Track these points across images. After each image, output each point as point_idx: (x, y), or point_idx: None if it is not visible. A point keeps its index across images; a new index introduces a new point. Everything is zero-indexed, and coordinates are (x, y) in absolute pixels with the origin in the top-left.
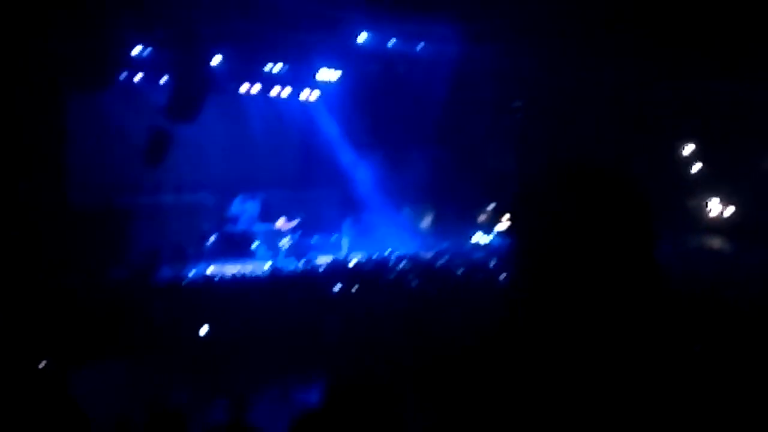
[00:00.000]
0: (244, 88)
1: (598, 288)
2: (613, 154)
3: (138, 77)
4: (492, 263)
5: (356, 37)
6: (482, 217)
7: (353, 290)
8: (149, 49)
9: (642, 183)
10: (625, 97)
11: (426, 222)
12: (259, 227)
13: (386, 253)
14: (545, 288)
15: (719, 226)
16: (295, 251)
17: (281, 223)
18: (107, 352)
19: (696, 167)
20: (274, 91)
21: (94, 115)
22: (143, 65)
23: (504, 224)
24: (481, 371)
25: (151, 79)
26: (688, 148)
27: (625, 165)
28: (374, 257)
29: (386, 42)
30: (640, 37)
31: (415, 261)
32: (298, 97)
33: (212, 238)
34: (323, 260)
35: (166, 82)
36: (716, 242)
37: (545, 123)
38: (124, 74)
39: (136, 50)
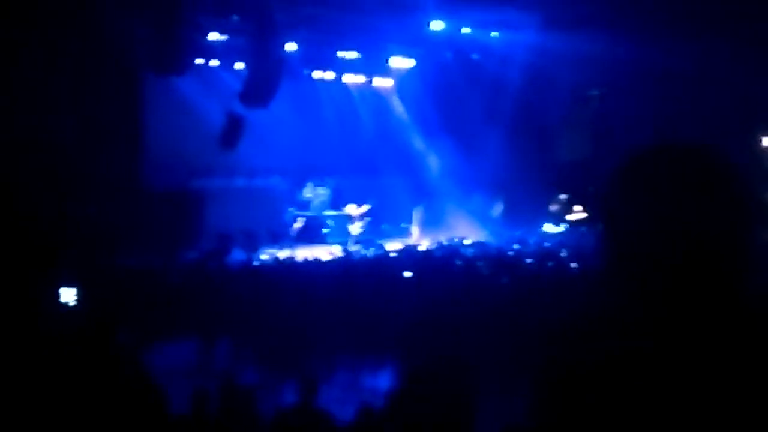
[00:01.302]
0: (317, 75)
1: (700, 285)
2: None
3: (214, 62)
4: (563, 253)
5: (429, 24)
6: (554, 207)
7: (423, 277)
8: (225, 35)
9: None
10: (708, 86)
11: (497, 210)
12: (330, 213)
13: (456, 240)
14: (646, 284)
15: None
16: (366, 237)
17: (352, 209)
18: (181, 331)
19: None
20: (348, 78)
21: (170, 98)
22: (219, 51)
23: (576, 214)
24: (553, 358)
25: (226, 64)
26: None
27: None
28: (444, 244)
29: (459, 29)
30: (722, 19)
31: (485, 249)
32: (371, 83)
33: (298, 224)
34: (393, 246)
35: (242, 68)
36: None
37: (622, 111)
38: (201, 59)
39: (213, 36)
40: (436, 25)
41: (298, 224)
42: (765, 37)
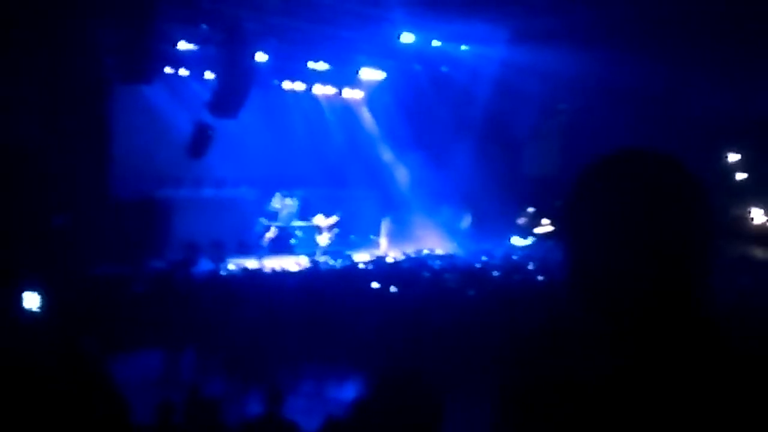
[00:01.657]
0: (287, 85)
1: (659, 290)
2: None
3: (183, 72)
4: (530, 266)
5: (400, 36)
6: (522, 220)
7: (390, 288)
8: (194, 44)
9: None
10: (673, 101)
11: (465, 222)
12: (299, 223)
13: (424, 252)
14: (606, 292)
15: (763, 235)
16: (334, 248)
17: (320, 220)
18: (147, 341)
19: (740, 176)
20: (318, 89)
21: (139, 107)
22: (188, 60)
23: (544, 228)
24: (517, 372)
25: (195, 74)
26: (733, 156)
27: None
28: (412, 256)
29: (430, 42)
30: (690, 39)
31: (452, 261)
32: (341, 95)
33: (270, 234)
34: (361, 258)
35: (211, 78)
36: (759, 252)
37: (590, 126)
38: (170, 68)
39: (182, 45)
40: (407, 38)
41: (271, 234)
42: (732, 55)
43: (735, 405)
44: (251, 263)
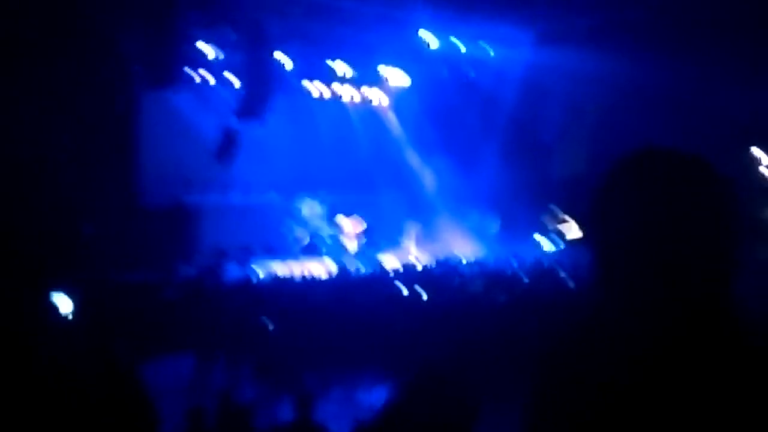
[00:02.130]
0: (313, 90)
1: (688, 290)
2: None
3: (208, 77)
4: (560, 272)
5: (425, 40)
6: (552, 224)
7: (420, 294)
8: (219, 48)
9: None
10: (703, 100)
11: (493, 228)
12: (327, 229)
13: (453, 258)
14: (635, 293)
15: None
16: (363, 254)
17: (349, 225)
18: (177, 348)
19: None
20: (344, 94)
21: (165, 113)
22: (214, 65)
23: (574, 231)
24: (550, 377)
25: (221, 78)
26: (761, 155)
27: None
28: (442, 261)
29: (456, 46)
30: (717, 37)
31: (482, 266)
32: (367, 99)
33: (305, 240)
34: (390, 263)
35: (236, 82)
36: None
37: (618, 126)
38: (195, 74)
39: (207, 50)
40: (433, 42)
41: (305, 241)
42: (759, 53)
43: (762, 406)
44: (280, 269)
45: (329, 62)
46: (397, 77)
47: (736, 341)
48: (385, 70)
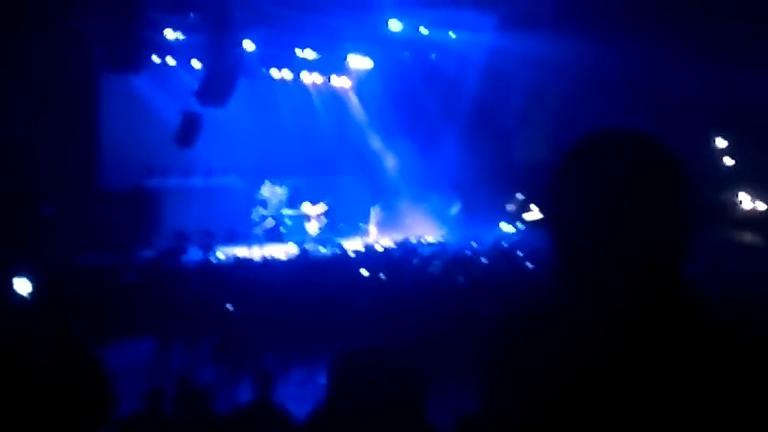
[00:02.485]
0: (275, 73)
1: (643, 271)
2: None
3: (171, 61)
4: (519, 252)
5: (388, 23)
6: (511, 207)
7: (379, 276)
8: (181, 32)
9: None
10: (662, 87)
11: (454, 210)
12: (288, 212)
13: (414, 240)
14: (591, 274)
15: (751, 220)
16: (323, 236)
17: (309, 208)
18: (137, 330)
19: (728, 160)
20: (306, 77)
21: (127, 97)
22: (176, 49)
23: (533, 214)
24: (505, 359)
25: (183, 63)
26: (721, 141)
27: None
28: (402, 243)
29: (417, 29)
30: (678, 22)
31: (442, 248)
32: (329, 83)
33: (268, 224)
34: (350, 245)
35: (199, 67)
36: (747, 237)
37: (579, 111)
38: (157, 57)
39: (170, 34)
40: (395, 25)
41: (267, 224)
42: (720, 39)
43: (718, 386)
44: (241, 251)
45: (291, 46)
46: (359, 60)
47: (691, 320)
48: (347, 53)
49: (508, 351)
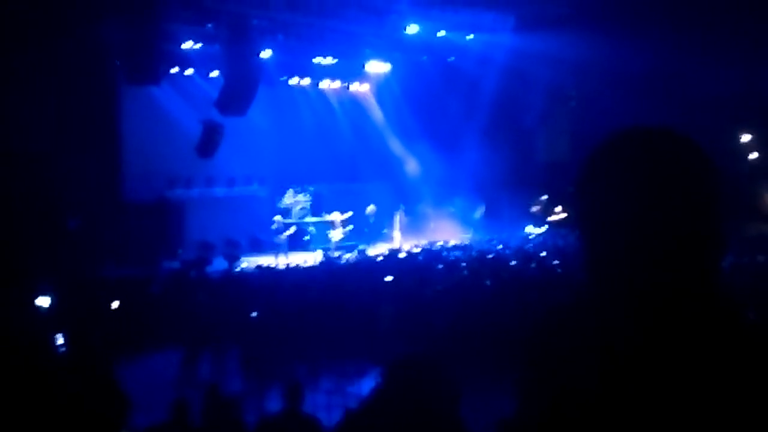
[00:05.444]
0: (294, 81)
1: (673, 269)
2: None
3: (189, 71)
4: (543, 254)
5: (405, 27)
6: (535, 208)
7: (405, 280)
8: (200, 43)
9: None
10: (685, 83)
11: (478, 213)
12: (311, 219)
13: (439, 245)
14: (621, 274)
15: None
16: (347, 243)
17: (334, 215)
18: (164, 341)
19: (753, 155)
20: (325, 84)
21: (147, 108)
22: (195, 59)
23: (557, 215)
24: (540, 360)
25: (202, 73)
26: (746, 136)
27: None
28: (426, 248)
29: (435, 32)
30: (701, 19)
31: (467, 251)
32: (349, 89)
33: (289, 232)
34: (375, 251)
35: (217, 76)
36: None
37: (600, 110)
38: (176, 68)
39: (188, 44)
40: (412, 29)
41: (289, 232)
42: (743, 35)
43: (750, 383)
44: (265, 260)
45: (310, 53)
46: (378, 65)
47: (724, 319)
48: (365, 59)
49: (542, 351)
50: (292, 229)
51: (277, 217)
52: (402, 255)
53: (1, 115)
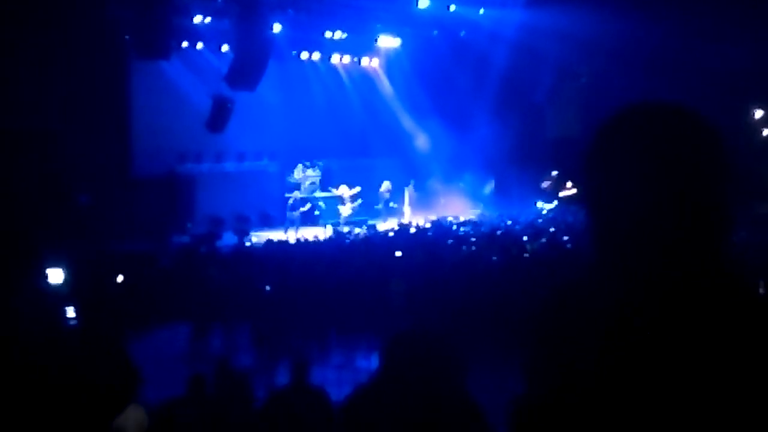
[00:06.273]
0: (305, 56)
1: (682, 244)
2: None
3: (199, 45)
4: (553, 229)
5: (417, 2)
6: (546, 184)
7: (415, 255)
8: (210, 17)
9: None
10: (696, 59)
11: (488, 188)
12: (321, 194)
13: (448, 220)
14: (630, 249)
15: None
16: (357, 218)
17: (343, 190)
18: (174, 316)
19: (766, 131)
20: (335, 59)
21: (157, 83)
22: (204, 33)
23: (567, 191)
24: (548, 337)
25: (212, 47)
26: (759, 113)
27: None
28: (436, 223)
29: (446, 6)
30: None
31: (476, 227)
32: (359, 64)
33: (304, 209)
34: (384, 226)
35: (228, 51)
36: None
37: (610, 86)
38: (186, 43)
39: (198, 19)
40: (423, 3)
41: (305, 208)
42: (754, 9)
43: (761, 359)
44: (275, 235)
45: (320, 28)
46: (388, 40)
47: (734, 295)
48: (376, 34)
49: (551, 328)
50: (308, 206)
51: (295, 193)
52: (412, 230)
53: (11, 91)
